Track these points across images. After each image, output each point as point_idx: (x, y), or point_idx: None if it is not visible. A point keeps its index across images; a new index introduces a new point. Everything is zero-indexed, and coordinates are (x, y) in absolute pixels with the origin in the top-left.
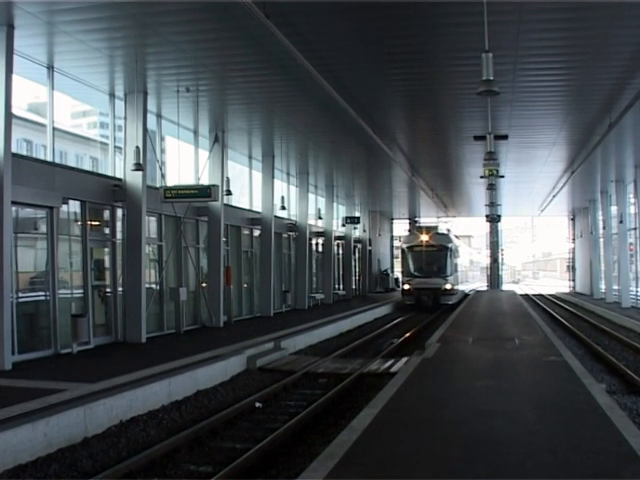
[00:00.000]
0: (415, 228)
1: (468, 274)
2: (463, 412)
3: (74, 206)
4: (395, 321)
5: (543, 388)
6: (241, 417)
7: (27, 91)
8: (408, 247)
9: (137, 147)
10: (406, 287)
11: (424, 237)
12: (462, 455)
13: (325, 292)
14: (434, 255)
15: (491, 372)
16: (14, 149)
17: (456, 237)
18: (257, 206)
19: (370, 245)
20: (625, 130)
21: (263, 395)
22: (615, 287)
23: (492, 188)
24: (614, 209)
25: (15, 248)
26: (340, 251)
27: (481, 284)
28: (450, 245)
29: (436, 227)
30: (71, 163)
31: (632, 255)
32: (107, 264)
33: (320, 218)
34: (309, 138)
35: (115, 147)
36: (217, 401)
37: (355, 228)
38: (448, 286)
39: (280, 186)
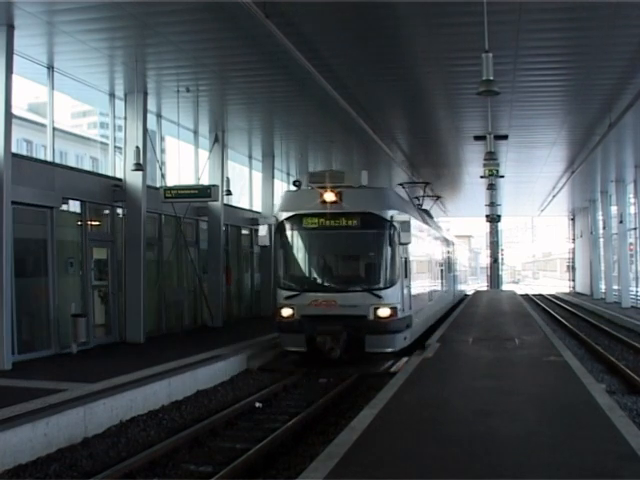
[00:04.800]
0: (310, 177)
1: (461, 275)
2: (463, 412)
3: (74, 206)
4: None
5: (543, 388)
6: (241, 417)
7: (27, 91)
8: (292, 221)
9: (137, 147)
10: (285, 312)
11: (328, 197)
12: (462, 455)
13: None
14: (353, 240)
15: (491, 372)
16: (14, 149)
17: (419, 208)
18: (257, 206)
19: None
20: (625, 130)
21: (263, 394)
22: (615, 287)
23: (492, 188)
24: (614, 209)
25: None
26: None
27: (476, 286)
28: (393, 216)
29: (358, 176)
30: (71, 163)
31: (632, 255)
32: (107, 264)
33: None
34: (309, 138)
35: (115, 147)
36: (217, 401)
37: None
38: (385, 311)
39: (280, 186)
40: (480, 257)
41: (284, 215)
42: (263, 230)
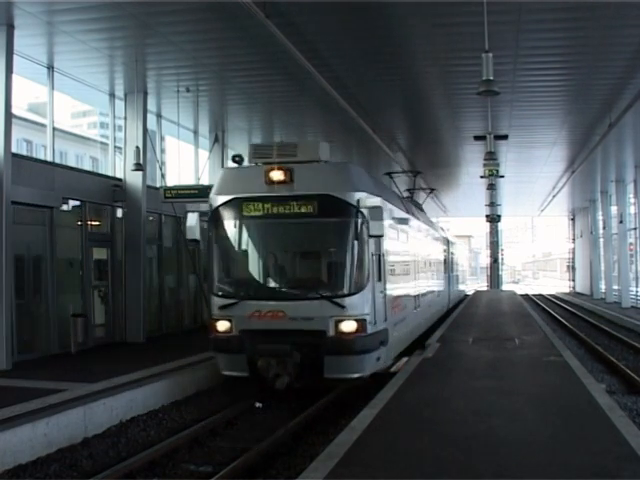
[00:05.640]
0: (254, 150)
1: (459, 276)
2: (463, 412)
3: (74, 206)
4: None
5: (543, 388)
6: (240, 417)
7: (27, 91)
8: (228, 208)
9: (137, 147)
10: (221, 326)
11: (275, 175)
12: (462, 455)
13: None
14: (307, 231)
15: (491, 372)
16: (14, 149)
17: (409, 199)
18: None
19: None
20: (625, 130)
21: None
22: (615, 287)
23: (492, 188)
24: (614, 209)
25: None
26: None
27: (476, 286)
28: (361, 200)
29: (316, 147)
30: (71, 163)
31: (632, 255)
32: (107, 264)
33: None
34: (309, 138)
35: (115, 147)
36: (214, 402)
37: None
38: (350, 325)
39: None
40: (480, 257)
41: (219, 200)
42: (192, 219)
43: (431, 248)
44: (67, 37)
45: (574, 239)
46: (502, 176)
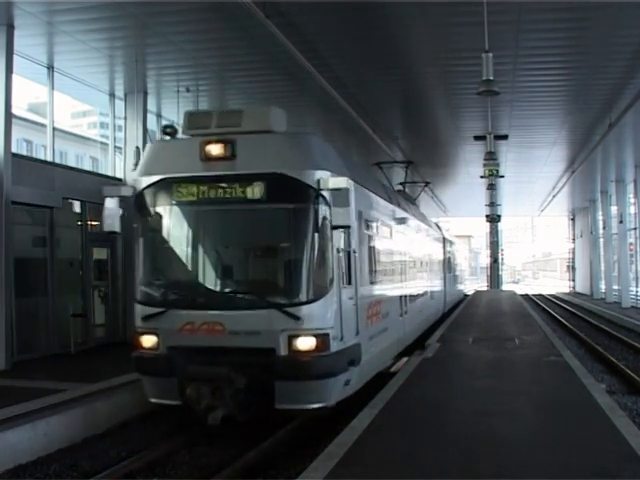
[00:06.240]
0: (189, 119)
1: (458, 277)
2: (463, 412)
3: (74, 206)
4: None
5: (543, 388)
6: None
7: (27, 91)
8: (155, 191)
9: (137, 147)
10: (146, 341)
11: (214, 150)
12: (462, 455)
13: None
14: (253, 221)
15: (491, 372)
16: (14, 149)
17: (399, 191)
18: None
19: None
20: (625, 130)
21: None
22: (615, 287)
23: (492, 188)
24: (614, 209)
25: None
26: None
27: (476, 286)
28: (322, 181)
29: (266, 115)
30: (71, 163)
31: (632, 255)
32: (107, 264)
33: None
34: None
35: (115, 147)
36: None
37: None
38: (307, 341)
39: None
40: (480, 257)
41: (143, 182)
42: (110, 206)
43: (424, 246)
44: (67, 37)
45: (574, 239)
46: (502, 176)
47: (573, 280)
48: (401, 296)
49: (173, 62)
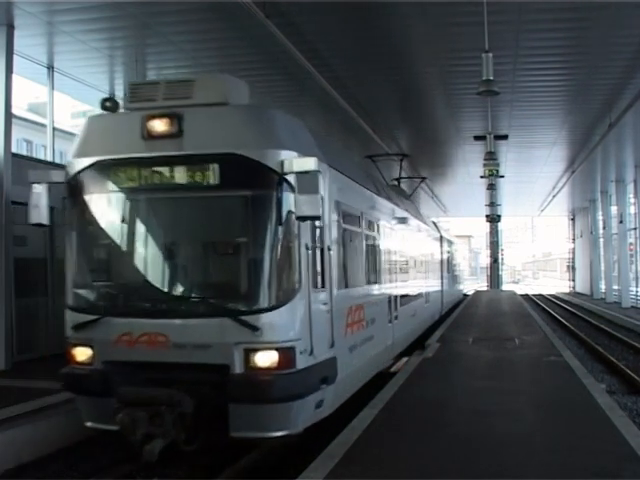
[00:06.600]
0: (130, 91)
1: (457, 278)
2: (463, 412)
3: None
4: None
5: (543, 388)
6: None
7: (27, 91)
8: (89, 176)
9: None
10: (79, 354)
11: (156, 126)
12: (462, 455)
13: None
14: (203, 212)
15: (491, 372)
16: (14, 149)
17: (393, 186)
18: None
19: None
20: (625, 130)
21: None
22: (615, 287)
23: (492, 188)
24: (614, 209)
25: None
26: None
27: (476, 286)
28: (286, 163)
29: (222, 85)
30: None
31: (632, 255)
32: None
33: None
34: None
35: None
36: None
37: None
38: (267, 356)
39: None
40: (480, 257)
41: (76, 165)
42: (37, 194)
43: (418, 245)
44: (67, 37)
45: (574, 239)
46: (502, 176)
47: (573, 280)
48: (390, 299)
49: (173, 62)
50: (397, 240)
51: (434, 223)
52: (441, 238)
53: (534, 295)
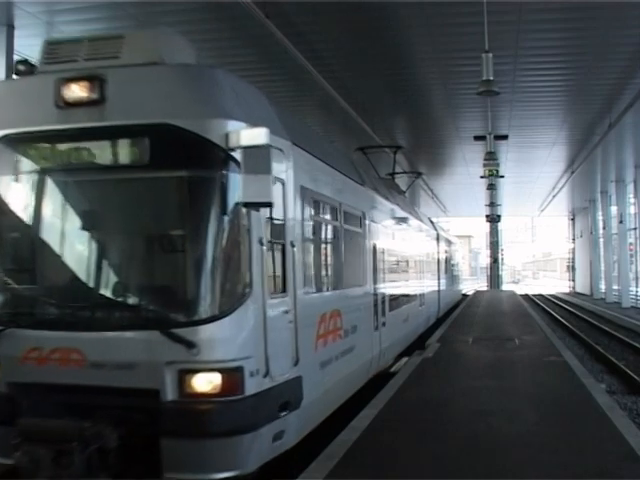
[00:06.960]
0: (47, 50)
1: (455, 278)
2: (463, 412)
3: None
4: None
5: (543, 388)
6: None
7: None
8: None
9: None
10: None
11: (73, 92)
12: (462, 455)
13: None
14: (130, 197)
15: (491, 372)
16: None
17: (385, 178)
18: None
19: None
20: (625, 130)
21: None
22: (615, 287)
23: (492, 188)
24: (614, 209)
25: None
26: None
27: (476, 286)
28: (232, 135)
29: (154, 37)
30: None
31: (632, 255)
32: None
33: None
34: None
35: None
36: None
37: None
38: (207, 379)
39: None
40: (480, 257)
41: None
42: None
43: (412, 243)
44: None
45: (574, 239)
46: (502, 176)
47: (573, 280)
48: (377, 303)
49: None
50: (386, 237)
51: (431, 221)
52: (438, 237)
53: (534, 295)
